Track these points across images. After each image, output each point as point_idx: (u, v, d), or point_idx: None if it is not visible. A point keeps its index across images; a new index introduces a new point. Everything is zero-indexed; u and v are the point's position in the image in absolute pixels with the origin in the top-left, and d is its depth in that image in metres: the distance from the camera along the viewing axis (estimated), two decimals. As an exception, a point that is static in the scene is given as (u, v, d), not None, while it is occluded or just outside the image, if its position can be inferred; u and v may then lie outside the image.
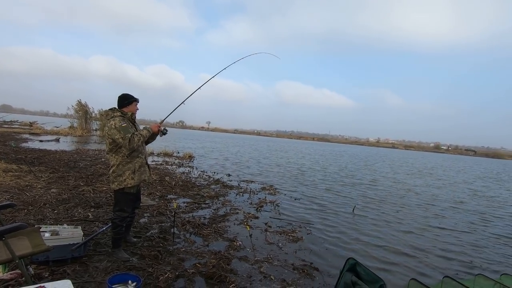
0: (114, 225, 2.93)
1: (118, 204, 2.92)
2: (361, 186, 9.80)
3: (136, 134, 2.77)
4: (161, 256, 3.14)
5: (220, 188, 7.14)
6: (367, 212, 6.19)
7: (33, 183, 5.43)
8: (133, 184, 2.85)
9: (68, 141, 16.48)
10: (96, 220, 3.96)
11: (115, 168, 2.80)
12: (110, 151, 2.81)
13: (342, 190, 8.77)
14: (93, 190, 5.42)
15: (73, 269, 2.62)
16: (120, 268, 2.77)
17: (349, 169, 15.82)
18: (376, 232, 4.91)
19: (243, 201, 6.16)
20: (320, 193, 7.91)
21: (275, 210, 5.73)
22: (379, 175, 13.91)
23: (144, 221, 4.19)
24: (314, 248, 3.98)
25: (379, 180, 12.07)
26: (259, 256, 3.48)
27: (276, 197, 6.80)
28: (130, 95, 2.93)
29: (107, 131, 2.75)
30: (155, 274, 2.74)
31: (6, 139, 13.14)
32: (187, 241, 3.68)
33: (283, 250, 3.79)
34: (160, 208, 4.85)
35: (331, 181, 10.37)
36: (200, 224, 4.27)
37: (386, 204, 7.20)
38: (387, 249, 4.18)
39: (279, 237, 4.25)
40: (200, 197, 6.04)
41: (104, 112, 2.88)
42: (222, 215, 4.94)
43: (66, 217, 3.92)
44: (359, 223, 5.37)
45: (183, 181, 7.43)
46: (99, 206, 4.58)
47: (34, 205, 4.24)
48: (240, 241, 3.87)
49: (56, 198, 4.68)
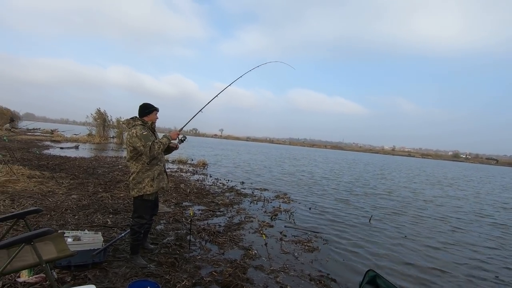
0: (133, 232, 2.99)
1: (137, 211, 2.98)
2: (377, 196, 9.57)
3: (156, 142, 2.84)
4: (178, 263, 3.16)
5: (234, 196, 7.16)
6: (384, 224, 6.01)
7: (55, 189, 5.62)
8: (152, 191, 2.91)
9: (86, 148, 17.00)
10: (114, 226, 4.05)
11: (135, 175, 2.88)
12: (130, 159, 2.89)
13: (357, 200, 8.59)
14: (111, 197, 5.55)
15: (93, 274, 2.68)
16: (138, 274, 2.81)
17: (364, 178, 15.52)
18: (394, 245, 4.73)
19: (257, 209, 6.14)
20: (335, 203, 7.78)
21: (289, 219, 5.68)
22: (395, 185, 13.57)
23: (161, 228, 4.25)
24: (330, 258, 3.90)
25: (396, 190, 11.76)
26: (275, 266, 3.45)
27: (290, 206, 6.74)
28: (150, 104, 3.02)
29: (128, 139, 2.84)
30: (172, 281, 2.76)
31: (29, 146, 13.70)
32: (203, 248, 3.70)
33: (299, 260, 3.74)
34: (176, 215, 4.90)
35: (346, 191, 10.19)
36: (215, 232, 4.29)
37: (404, 216, 6.97)
38: (407, 264, 4.00)
39: (294, 246, 4.20)
40: (214, 204, 6.07)
41: (125, 121, 2.98)
42: (237, 223, 4.93)
43: (86, 223, 4.02)
44: (376, 234, 5.21)
45: (197, 188, 7.50)
46: (117, 212, 4.68)
47: (56, 210, 4.39)
48: (256, 249, 3.85)
49: (76, 204, 4.82)
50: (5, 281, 2.34)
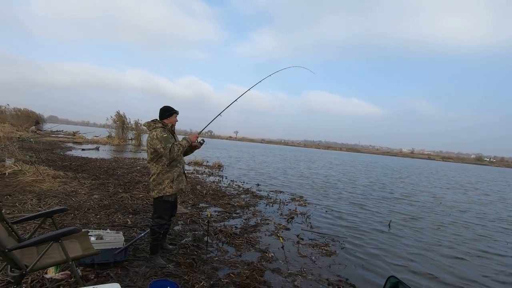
0: (153, 232, 3.05)
1: (157, 212, 3.04)
2: (396, 201, 9.32)
3: (176, 144, 2.89)
4: (196, 264, 3.20)
5: (250, 198, 7.17)
6: (403, 230, 5.80)
7: (77, 189, 5.83)
8: (172, 192, 2.97)
9: (106, 149, 17.54)
10: (134, 226, 4.15)
11: (155, 177, 2.94)
12: (151, 160, 2.96)
13: (374, 204, 8.40)
14: (130, 197, 5.69)
15: (115, 273, 2.75)
16: (158, 274, 2.86)
17: (381, 181, 15.15)
18: (415, 253, 4.52)
19: (273, 212, 6.12)
20: (351, 207, 7.64)
21: (306, 222, 5.62)
22: (415, 189, 13.16)
23: (178, 229, 4.31)
24: (349, 263, 3.82)
25: (415, 194, 11.40)
26: (292, 269, 3.42)
27: (306, 209, 6.68)
28: (171, 107, 3.09)
29: (149, 141, 2.91)
30: (191, 282, 2.79)
31: (53, 148, 14.30)
32: (220, 250, 3.72)
33: (317, 264, 3.69)
34: (193, 216, 4.96)
35: (363, 194, 9.98)
36: (232, 234, 4.30)
37: (424, 222, 6.72)
38: (428, 275, 3.80)
39: (311, 250, 4.15)
40: (230, 206, 6.10)
41: (146, 123, 3.05)
42: (253, 225, 4.94)
43: (107, 222, 4.14)
44: (396, 241, 5.05)
45: (213, 190, 7.57)
46: (137, 213, 4.79)
47: (79, 209, 4.54)
48: (272, 252, 3.83)
49: (98, 204, 4.97)
50: (34, 277, 2.45)
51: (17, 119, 24.06)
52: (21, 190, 5.21)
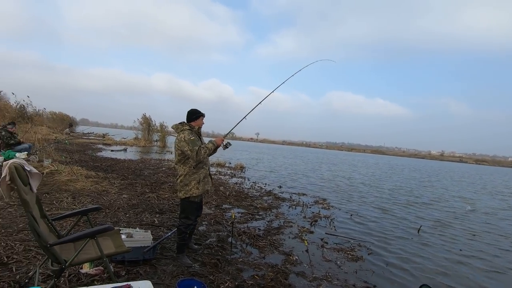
0: (179, 231, 3.12)
1: (184, 212, 3.12)
2: (425, 206, 8.90)
3: (202, 147, 2.95)
4: (220, 264, 3.23)
5: (272, 200, 7.15)
6: (433, 237, 5.50)
7: (108, 189, 6.11)
8: (198, 193, 3.03)
9: (133, 151, 18.25)
10: (161, 225, 4.27)
11: (183, 178, 3.01)
12: (178, 162, 3.04)
13: (402, 209, 8.07)
14: (157, 197, 5.88)
15: (144, 270, 2.85)
16: (184, 273, 2.92)
17: (409, 185, 14.54)
18: (447, 263, 4.28)
19: (296, 214, 6.06)
20: (377, 211, 7.39)
21: (330, 225, 5.51)
22: (446, 193, 12.50)
23: (203, 229, 4.39)
24: (376, 269, 3.70)
25: (447, 199, 10.83)
26: (317, 273, 3.36)
27: (330, 212, 6.55)
28: (198, 110, 3.16)
29: (177, 143, 2.99)
30: (216, 282, 2.82)
31: (85, 149, 15.09)
32: (244, 251, 3.74)
33: (342, 269, 3.60)
34: (217, 217, 5.03)
35: (389, 198, 9.63)
36: (255, 236, 4.31)
37: (457, 229, 6.32)
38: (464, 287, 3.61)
39: (337, 254, 4.06)
40: (253, 208, 6.12)
41: (174, 126, 3.14)
42: (276, 228, 4.92)
43: (136, 221, 4.30)
44: (426, 249, 4.79)
45: (236, 191, 7.63)
46: (163, 212, 4.94)
47: (110, 208, 4.76)
48: (297, 255, 3.79)
49: (127, 203, 5.18)
50: (71, 271, 2.59)
51: (53, 122, 25.66)
52: (57, 189, 5.55)
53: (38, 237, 1.90)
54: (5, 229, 3.38)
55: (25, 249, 2.94)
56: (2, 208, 4.06)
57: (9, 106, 19.67)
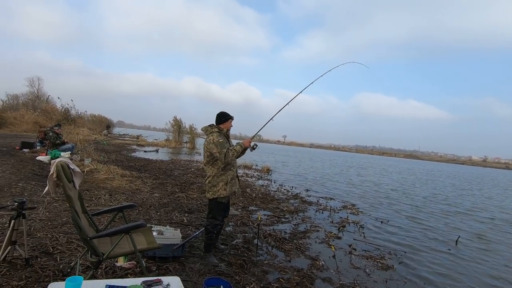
0: (207, 231, 3.21)
1: (212, 212, 3.20)
2: (464, 216, 8.30)
3: (230, 149, 3.02)
4: (246, 265, 3.27)
5: (299, 203, 7.08)
6: (472, 251, 5.08)
7: (141, 187, 6.43)
8: (225, 194, 3.09)
9: (164, 152, 19.00)
10: (189, 224, 4.41)
11: (211, 179, 3.10)
12: (207, 163, 3.13)
13: (439, 218, 7.59)
14: (186, 197, 6.07)
15: (173, 267, 2.96)
16: (211, 272, 2.99)
17: (446, 192, 13.63)
18: (488, 275, 4.00)
19: (324, 219, 5.94)
20: (410, 219, 7.02)
21: (359, 232, 5.34)
22: (489, 203, 11.55)
23: (230, 230, 4.46)
24: (408, 281, 3.52)
25: (490, 209, 10.00)
26: (344, 280, 3.28)
27: (359, 218, 6.34)
28: (226, 113, 3.24)
29: (206, 145, 3.09)
30: (242, 283, 2.86)
31: (121, 149, 16.00)
32: (270, 254, 3.74)
33: (371, 277, 3.47)
34: (243, 219, 5.09)
35: (423, 206, 9.11)
36: (281, 239, 4.30)
37: (501, 243, 5.82)
38: None
39: (365, 262, 3.92)
40: (279, 211, 6.10)
41: (204, 128, 3.25)
42: (302, 231, 4.86)
43: (166, 219, 4.49)
44: (464, 260, 4.50)
45: (262, 193, 7.65)
46: (192, 212, 5.09)
47: (143, 206, 5.00)
48: (323, 261, 3.72)
49: (158, 202, 5.41)
50: (107, 264, 2.76)
51: (92, 124, 27.53)
52: (96, 186, 5.94)
53: (80, 230, 2.06)
54: (51, 221, 3.69)
55: (68, 241, 3.19)
56: (49, 203, 4.43)
57: (55, 109, 21.48)
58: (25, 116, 19.43)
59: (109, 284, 1.53)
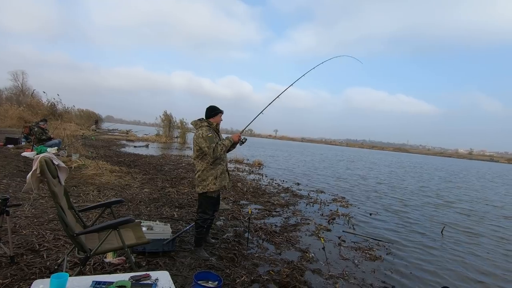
0: (197, 225, 3.21)
1: (201, 207, 3.19)
2: (449, 208, 8.54)
3: (219, 143, 3.01)
4: (237, 259, 3.28)
5: (289, 197, 7.14)
6: (458, 238, 5.29)
7: (130, 183, 6.35)
8: (215, 189, 3.09)
9: (155, 147, 18.80)
10: (180, 219, 4.40)
11: (200, 173, 3.09)
12: (196, 157, 3.11)
13: (426, 209, 7.80)
14: (176, 192, 6.04)
15: (163, 262, 2.95)
16: (201, 266, 3.00)
17: (433, 185, 13.97)
18: (471, 265, 4.13)
19: (314, 212, 6.01)
20: (398, 211, 7.19)
21: (348, 224, 5.43)
22: (472, 194, 11.90)
23: (220, 224, 4.47)
24: (395, 270, 3.61)
25: (473, 201, 10.32)
26: (334, 271, 3.34)
27: (348, 210, 6.44)
28: (216, 107, 3.21)
29: (195, 139, 3.06)
30: (232, 276, 2.88)
31: (110, 145, 15.74)
32: (260, 247, 3.77)
33: (360, 268, 3.55)
34: (234, 213, 5.10)
35: (411, 197, 9.33)
36: (271, 232, 4.33)
37: (484, 233, 6.04)
38: None
39: (354, 253, 4.00)
40: (270, 204, 6.14)
41: (193, 122, 3.22)
42: (293, 225, 4.91)
43: (156, 214, 4.46)
44: (449, 249, 4.64)
45: (253, 188, 7.68)
46: (182, 207, 5.07)
47: (132, 201, 4.95)
48: (313, 253, 3.78)
49: (148, 197, 5.37)
50: (95, 260, 2.73)
51: (80, 119, 26.92)
52: (84, 182, 5.84)
53: (66, 226, 2.03)
54: (37, 218, 3.62)
55: (54, 238, 3.13)
56: (35, 200, 4.34)
57: (41, 104, 20.89)
58: (9, 111, 18.83)
59: (96, 280, 1.51)
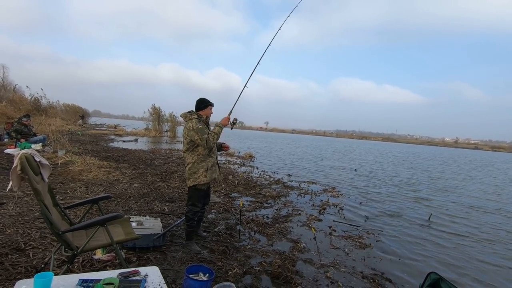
0: (187, 219, 3.18)
1: (191, 199, 3.16)
2: (439, 193, 8.76)
3: (210, 133, 2.98)
4: (229, 251, 3.29)
5: (281, 189, 7.17)
6: (445, 224, 5.47)
7: (119, 178, 6.24)
8: (205, 181, 3.06)
9: (144, 141, 18.53)
10: (171, 213, 4.36)
11: (191, 166, 3.05)
12: (187, 150, 3.07)
13: (413, 197, 7.97)
14: (167, 186, 5.98)
15: (154, 257, 2.93)
16: (193, 259, 2.99)
17: (421, 173, 14.30)
18: (457, 249, 4.29)
19: (305, 203, 6.06)
20: (387, 199, 7.33)
21: (339, 213, 5.51)
22: (460, 180, 12.24)
23: (212, 217, 4.45)
24: (385, 257, 3.69)
25: (459, 187, 10.62)
26: (325, 260, 3.38)
27: (339, 200, 6.53)
28: (206, 99, 3.16)
29: (186, 132, 3.01)
30: (224, 268, 2.88)
31: (97, 140, 15.42)
32: (252, 239, 3.78)
33: (350, 256, 3.61)
34: (226, 205, 5.09)
35: (400, 186, 9.52)
36: (263, 223, 4.35)
37: (470, 219, 6.25)
38: (472, 277, 3.57)
39: (345, 242, 4.06)
40: (262, 196, 6.15)
41: (183, 115, 3.16)
42: (284, 216, 4.94)
43: (146, 209, 4.40)
44: (437, 235, 4.78)
45: (245, 180, 7.67)
46: (173, 201, 5.02)
47: (122, 197, 4.87)
48: (304, 243, 3.81)
49: (138, 192, 5.29)
50: (84, 257, 2.68)
51: (66, 114, 26.21)
52: (71, 179, 5.71)
53: (51, 224, 1.97)
54: (22, 217, 3.51)
55: (41, 236, 3.05)
56: (19, 198, 4.21)
57: (24, 99, 20.17)
58: (-10, 107, 18.15)
59: (82, 278, 1.48)
